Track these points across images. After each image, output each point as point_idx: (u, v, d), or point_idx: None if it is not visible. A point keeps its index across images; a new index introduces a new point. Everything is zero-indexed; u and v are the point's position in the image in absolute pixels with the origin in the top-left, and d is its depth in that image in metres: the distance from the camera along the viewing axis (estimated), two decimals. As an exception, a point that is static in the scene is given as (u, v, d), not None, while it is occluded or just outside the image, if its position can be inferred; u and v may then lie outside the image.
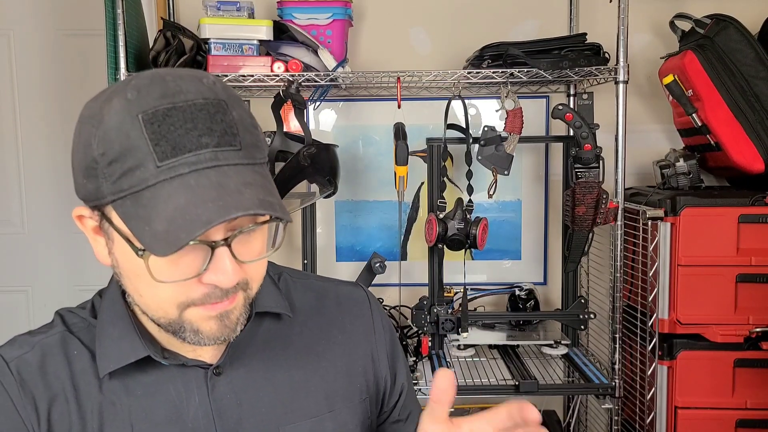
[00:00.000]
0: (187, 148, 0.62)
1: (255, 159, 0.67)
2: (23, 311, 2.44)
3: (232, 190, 0.62)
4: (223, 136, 0.64)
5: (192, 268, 0.65)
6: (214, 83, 0.67)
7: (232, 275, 0.65)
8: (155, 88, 0.64)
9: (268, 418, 0.77)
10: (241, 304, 0.70)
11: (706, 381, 1.80)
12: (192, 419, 0.75)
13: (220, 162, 0.63)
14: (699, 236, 1.76)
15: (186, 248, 0.62)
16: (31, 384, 0.73)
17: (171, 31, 1.82)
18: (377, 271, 1.86)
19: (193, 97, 0.64)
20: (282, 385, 0.79)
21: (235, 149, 0.64)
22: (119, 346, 0.74)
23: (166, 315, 0.68)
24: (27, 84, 2.37)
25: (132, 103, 0.63)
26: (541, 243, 2.23)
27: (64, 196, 2.38)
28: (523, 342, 2.01)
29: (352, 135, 2.20)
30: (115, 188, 0.63)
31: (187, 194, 0.61)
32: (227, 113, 0.65)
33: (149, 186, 0.62)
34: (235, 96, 0.68)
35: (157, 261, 0.64)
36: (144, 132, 0.62)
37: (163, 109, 0.62)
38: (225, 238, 0.65)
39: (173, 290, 0.66)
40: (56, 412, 0.73)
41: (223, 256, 0.64)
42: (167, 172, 0.62)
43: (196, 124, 0.63)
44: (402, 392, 0.91)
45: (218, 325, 0.69)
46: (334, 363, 0.84)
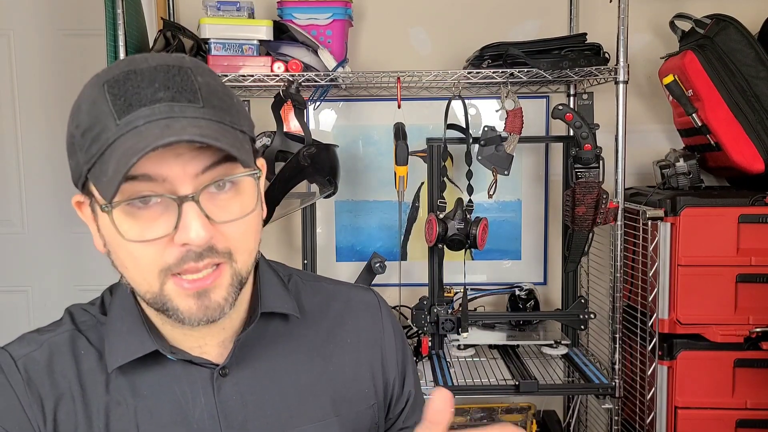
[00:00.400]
0: (141, 102, 0.63)
1: (222, 119, 0.66)
2: (23, 311, 2.44)
3: (177, 128, 0.62)
4: (180, 92, 0.64)
5: (163, 229, 0.64)
6: (183, 57, 0.68)
7: (203, 231, 0.63)
8: (123, 62, 0.67)
9: (273, 420, 0.77)
10: (227, 283, 0.68)
11: (706, 381, 1.80)
12: (197, 420, 0.74)
13: (175, 114, 0.63)
14: (699, 236, 1.76)
15: (156, 208, 0.64)
16: (38, 383, 0.73)
17: (171, 31, 1.82)
18: (377, 271, 1.86)
19: (156, 63, 0.65)
20: (288, 388, 0.78)
21: (195, 105, 0.64)
22: (127, 341, 0.73)
23: (150, 288, 0.67)
24: (27, 84, 2.37)
25: (100, 76, 0.66)
26: (541, 243, 2.23)
27: (63, 196, 2.38)
28: (523, 342, 2.01)
29: (352, 135, 2.20)
30: (88, 156, 0.64)
31: (135, 138, 0.61)
32: (189, 76, 0.65)
33: (110, 144, 0.63)
34: (205, 68, 0.68)
35: (126, 222, 0.64)
36: (106, 96, 0.64)
37: (124, 72, 0.64)
38: (193, 194, 0.64)
39: (150, 255, 0.65)
40: (62, 411, 0.72)
41: (190, 210, 0.64)
42: (124, 127, 0.62)
43: (153, 83, 0.64)
44: (409, 399, 0.89)
45: (197, 305, 0.67)
46: (342, 367, 0.83)
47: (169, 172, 0.63)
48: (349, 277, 2.13)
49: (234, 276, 0.69)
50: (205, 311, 0.67)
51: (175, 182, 0.64)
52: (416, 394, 0.91)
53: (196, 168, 0.64)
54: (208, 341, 0.76)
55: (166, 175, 0.63)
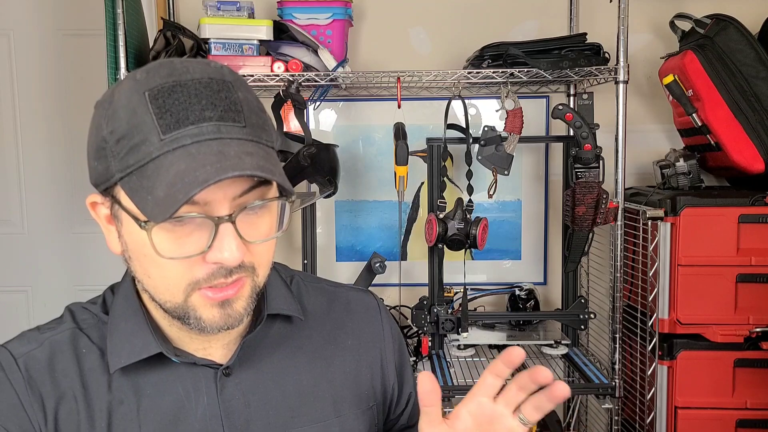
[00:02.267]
0: (189, 120, 0.62)
1: (260, 138, 0.66)
2: (23, 311, 2.44)
3: (232, 156, 0.62)
4: (226, 112, 0.64)
5: (196, 246, 0.65)
6: (221, 68, 0.67)
7: (237, 252, 0.64)
8: (163, 69, 0.65)
9: (275, 420, 0.77)
10: (248, 294, 0.69)
11: (706, 381, 1.79)
12: (200, 419, 0.74)
13: (223, 135, 0.63)
14: (699, 236, 1.76)
15: (190, 225, 0.64)
16: (39, 381, 0.72)
17: (171, 31, 1.82)
18: (377, 271, 1.86)
19: (199, 76, 0.64)
20: (290, 389, 0.79)
21: (239, 125, 0.64)
22: (131, 342, 0.73)
23: (172, 298, 0.68)
24: (27, 84, 2.37)
25: (140, 82, 0.64)
26: (541, 243, 2.23)
27: (64, 197, 2.38)
28: (523, 342, 2.01)
29: (352, 135, 2.20)
30: (122, 165, 0.63)
31: (188, 160, 0.61)
32: (232, 92, 0.65)
33: (153, 159, 0.62)
34: (242, 81, 0.68)
35: (161, 237, 0.64)
36: (149, 107, 0.62)
37: (168, 85, 0.63)
38: (230, 214, 0.64)
39: (179, 270, 0.66)
40: (64, 410, 0.72)
41: (227, 232, 0.64)
42: (170, 144, 0.62)
43: (200, 99, 0.63)
44: (409, 401, 0.90)
45: (220, 314, 0.68)
46: (343, 369, 0.83)
47: (211, 196, 0.64)
48: (350, 277, 2.13)
49: (254, 288, 0.70)
50: (227, 320, 0.69)
51: (214, 204, 0.64)
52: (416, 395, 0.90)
53: (235, 192, 0.65)
54: (213, 343, 0.76)
55: (208, 200, 0.64)
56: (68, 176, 2.37)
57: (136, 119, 0.63)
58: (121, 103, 0.64)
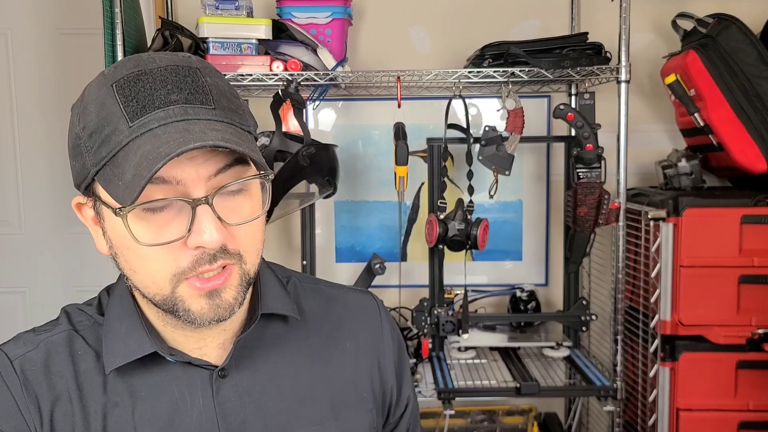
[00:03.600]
0: (155, 104, 0.63)
1: (232, 120, 0.66)
2: (21, 312, 2.43)
3: (197, 132, 0.62)
4: (193, 94, 0.64)
5: (176, 232, 0.64)
6: (189, 57, 0.68)
7: (216, 234, 0.64)
8: (130, 62, 0.66)
9: (272, 423, 0.76)
10: (236, 282, 0.69)
11: (708, 383, 1.79)
12: (196, 422, 0.74)
13: (190, 116, 0.63)
14: (701, 237, 1.75)
15: (168, 212, 0.64)
16: (35, 383, 0.72)
17: (169, 30, 1.80)
18: (377, 272, 1.85)
19: (165, 64, 0.65)
20: (287, 390, 0.78)
21: (207, 107, 0.65)
22: (126, 342, 0.73)
23: (160, 291, 0.67)
24: (25, 83, 2.36)
25: (107, 76, 0.66)
26: (542, 244, 2.22)
27: (61, 197, 2.37)
28: (524, 344, 2.00)
29: (351, 135, 2.19)
30: (96, 158, 0.64)
31: (153, 141, 0.62)
32: (198, 77, 0.66)
33: (123, 146, 0.63)
34: (211, 68, 0.69)
35: (140, 226, 0.64)
36: (116, 97, 0.63)
37: (134, 74, 0.64)
38: (206, 196, 0.64)
39: (163, 260, 0.65)
40: (59, 412, 0.72)
41: (204, 213, 0.64)
42: (138, 130, 0.62)
43: (166, 84, 0.64)
44: (408, 404, 0.90)
45: (209, 305, 0.67)
46: (341, 370, 0.82)
47: (183, 175, 0.63)
48: (349, 278, 2.12)
49: (243, 276, 0.69)
50: (216, 311, 0.68)
51: (189, 185, 0.64)
52: (414, 400, 0.91)
53: (209, 171, 0.65)
54: (208, 342, 0.75)
55: (180, 178, 0.63)
56: (66, 176, 2.35)
57: (104, 111, 0.64)
58: (90, 98, 0.66)
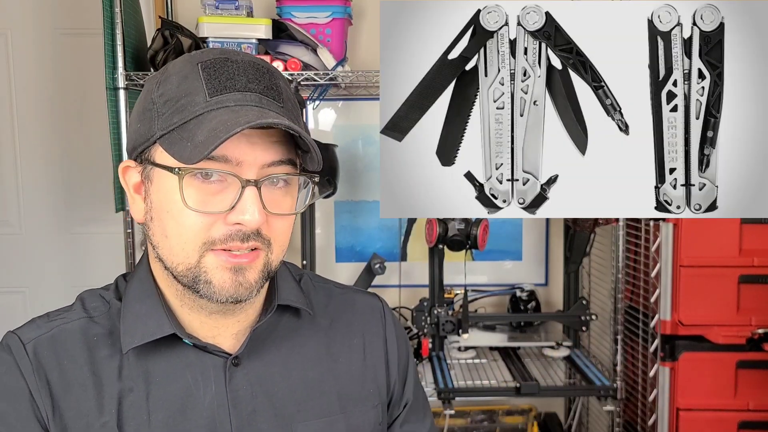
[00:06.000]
0: (236, 87, 0.69)
1: (297, 121, 0.72)
2: (20, 312, 2.42)
3: (273, 115, 0.68)
4: (268, 89, 0.71)
5: (221, 205, 0.68)
6: (266, 62, 0.74)
7: (258, 216, 0.67)
8: (217, 50, 0.72)
9: (281, 412, 0.78)
10: (261, 267, 0.71)
11: (708, 383, 1.79)
12: (208, 408, 0.75)
13: (264, 105, 0.69)
14: (701, 237, 1.75)
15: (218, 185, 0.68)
16: (48, 368, 0.73)
17: (169, 30, 1.80)
18: (377, 272, 1.85)
19: (248, 59, 0.72)
20: (297, 382, 0.80)
21: (279, 104, 0.71)
22: (145, 323, 0.74)
23: (186, 259, 0.69)
24: (24, 83, 2.36)
25: (194, 56, 0.72)
26: (542, 244, 2.22)
27: (61, 197, 2.36)
28: (524, 344, 2.00)
29: (351, 135, 2.18)
30: (166, 123, 0.68)
31: (230, 114, 0.67)
32: (274, 78, 0.72)
33: (197, 116, 0.68)
34: (283, 76, 0.75)
35: (190, 191, 0.68)
36: (200, 74, 0.69)
37: (220, 59, 0.70)
38: (257, 179, 0.68)
39: (198, 227, 0.68)
40: (72, 398, 0.72)
41: (251, 195, 0.68)
42: (215, 104, 0.68)
43: (247, 74, 0.70)
44: (406, 405, 0.90)
45: (231, 280, 0.69)
46: (349, 366, 0.84)
47: (243, 157, 0.68)
48: (349, 278, 2.12)
49: (266, 264, 0.72)
50: (237, 288, 0.70)
51: (244, 167, 0.68)
52: (413, 402, 0.91)
53: (265, 159, 0.69)
54: (222, 332, 0.77)
55: (241, 160, 0.68)
56: (66, 176, 2.36)
57: (186, 84, 0.69)
58: (174, 70, 0.71)
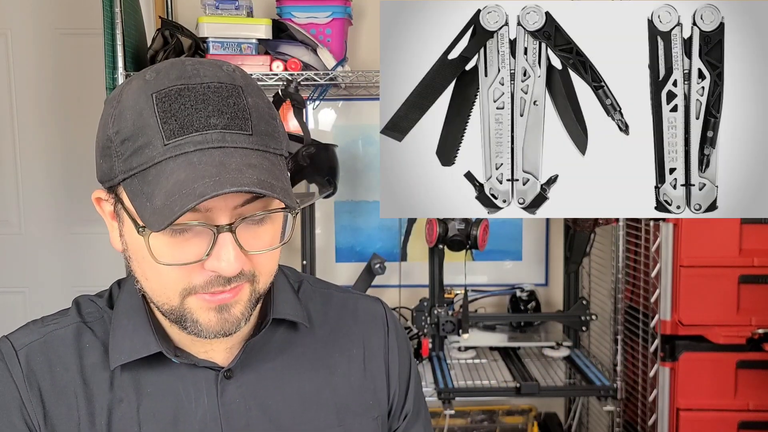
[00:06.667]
0: (194, 127, 0.62)
1: (267, 147, 0.65)
2: (20, 312, 2.42)
3: (233, 168, 0.61)
4: (233, 119, 0.63)
5: (195, 253, 0.64)
6: (233, 71, 0.67)
7: (235, 263, 0.64)
8: (174, 70, 0.64)
9: (276, 427, 0.76)
10: (246, 298, 0.68)
11: (708, 383, 1.79)
12: (200, 421, 0.73)
13: (227, 144, 0.63)
14: (701, 237, 1.75)
15: (190, 232, 0.64)
16: (39, 375, 0.72)
17: (169, 30, 1.80)
18: (377, 272, 1.85)
19: (209, 80, 0.64)
20: (292, 395, 0.78)
21: (246, 134, 0.64)
22: (132, 340, 0.73)
23: (168, 301, 0.67)
24: (24, 84, 2.36)
25: (149, 83, 0.64)
26: (542, 244, 2.22)
27: (61, 197, 2.36)
28: (524, 344, 2.00)
29: (351, 135, 2.18)
30: (126, 166, 0.64)
31: (188, 170, 0.61)
32: (241, 98, 0.65)
33: (155, 163, 0.62)
34: (254, 85, 0.68)
35: (160, 242, 0.64)
36: (155, 110, 0.62)
37: (176, 88, 0.63)
38: (230, 223, 0.64)
39: (176, 275, 0.65)
40: (63, 405, 0.71)
41: (225, 242, 0.63)
42: (173, 150, 0.62)
43: (207, 105, 0.63)
44: (405, 417, 0.87)
45: (217, 318, 0.67)
46: (348, 378, 0.81)
47: (212, 204, 0.63)
48: (349, 278, 2.11)
49: (253, 293, 0.69)
50: (224, 325, 0.68)
51: (215, 212, 0.63)
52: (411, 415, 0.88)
53: (236, 201, 0.64)
54: (215, 347, 0.75)
55: (208, 207, 0.63)
56: (66, 176, 2.36)
57: (141, 121, 0.63)
58: (128, 103, 0.64)
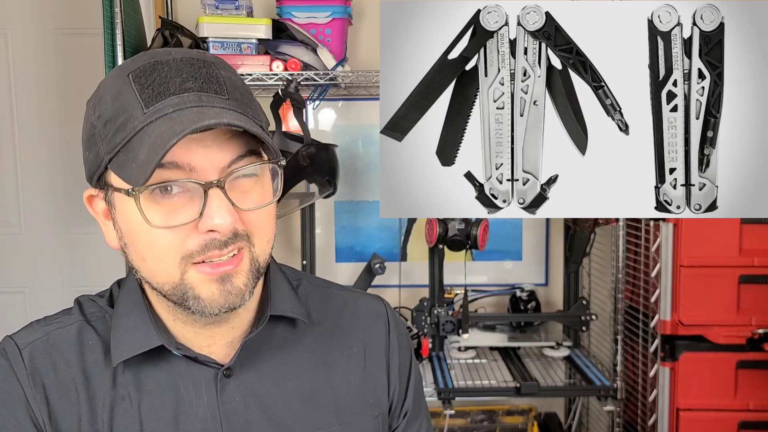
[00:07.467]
0: (170, 91, 0.64)
1: (246, 112, 0.67)
2: (20, 312, 2.42)
3: (212, 114, 0.63)
4: (207, 83, 0.66)
5: (188, 216, 0.65)
6: (204, 52, 0.70)
7: (228, 217, 0.64)
8: (146, 55, 0.68)
9: (275, 425, 0.76)
10: (247, 268, 0.68)
11: (708, 383, 1.79)
12: (200, 419, 0.74)
13: (204, 103, 0.65)
14: (701, 237, 1.75)
15: (181, 197, 0.65)
16: (43, 373, 0.72)
17: (169, 30, 1.81)
18: (377, 272, 1.85)
19: (180, 56, 0.67)
20: (292, 393, 0.78)
21: (222, 97, 0.66)
22: (133, 336, 0.73)
23: (169, 278, 0.67)
24: (24, 83, 2.36)
25: (122, 68, 0.67)
26: (542, 244, 2.22)
27: (61, 197, 2.36)
28: (524, 344, 2.00)
29: (351, 134, 2.18)
30: (110, 146, 0.65)
31: (168, 124, 0.62)
32: (213, 69, 0.67)
33: (137, 132, 0.63)
34: (226, 63, 0.70)
35: (152, 210, 0.64)
36: (132, 86, 0.65)
37: (150, 64, 0.66)
38: (218, 179, 0.65)
39: (172, 243, 0.65)
40: (66, 402, 0.72)
41: (216, 197, 0.64)
42: (153, 115, 0.63)
43: (181, 73, 0.65)
44: (406, 415, 0.87)
45: (220, 290, 0.67)
46: (347, 376, 0.81)
47: (197, 162, 0.64)
48: (349, 278, 2.11)
49: (252, 262, 0.69)
50: (227, 297, 0.68)
51: (201, 172, 0.64)
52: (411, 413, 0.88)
53: (222, 160, 0.65)
54: (217, 340, 0.75)
55: (193, 165, 0.64)
56: (66, 176, 2.36)
57: (120, 100, 0.65)
58: (106, 89, 0.67)
